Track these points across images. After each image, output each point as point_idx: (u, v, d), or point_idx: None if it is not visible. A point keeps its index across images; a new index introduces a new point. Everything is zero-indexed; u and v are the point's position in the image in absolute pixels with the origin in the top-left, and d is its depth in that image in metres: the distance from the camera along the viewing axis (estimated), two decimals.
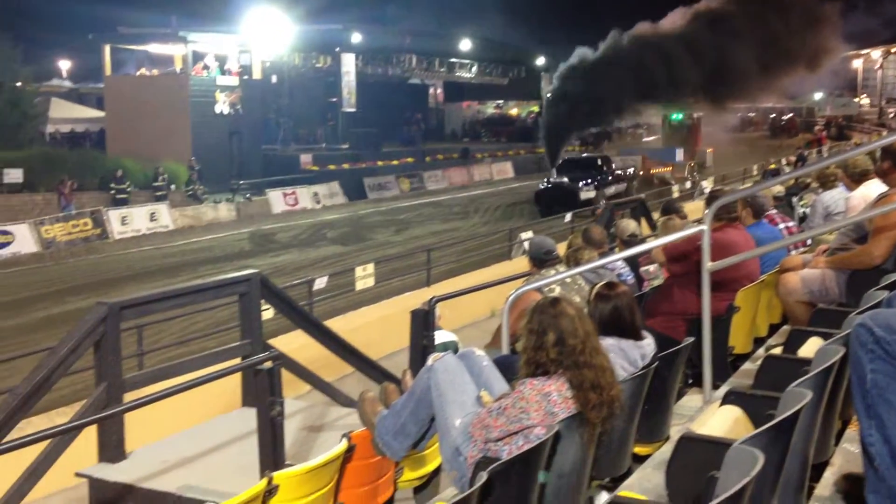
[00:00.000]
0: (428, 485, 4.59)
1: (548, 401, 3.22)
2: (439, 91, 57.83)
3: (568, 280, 5.42)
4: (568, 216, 21.16)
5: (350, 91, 42.65)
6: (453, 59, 52.36)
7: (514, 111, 63.77)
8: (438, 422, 3.51)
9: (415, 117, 52.00)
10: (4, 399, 4.76)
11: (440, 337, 6.48)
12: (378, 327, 12.09)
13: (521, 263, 15.19)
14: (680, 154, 39.85)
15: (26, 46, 33.42)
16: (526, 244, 17.72)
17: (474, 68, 53.96)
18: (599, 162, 33.18)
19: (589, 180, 30.89)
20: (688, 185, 33.70)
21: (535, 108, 56.13)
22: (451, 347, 6.44)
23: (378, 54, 45.88)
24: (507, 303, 4.99)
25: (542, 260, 5.56)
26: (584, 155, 37.75)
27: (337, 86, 42.74)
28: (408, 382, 3.93)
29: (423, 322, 5.94)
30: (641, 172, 35.42)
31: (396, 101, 48.43)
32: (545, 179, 32.11)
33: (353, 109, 42.70)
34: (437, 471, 4.49)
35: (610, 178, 32.17)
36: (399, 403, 3.73)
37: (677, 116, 44.95)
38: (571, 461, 3.28)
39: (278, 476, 3.36)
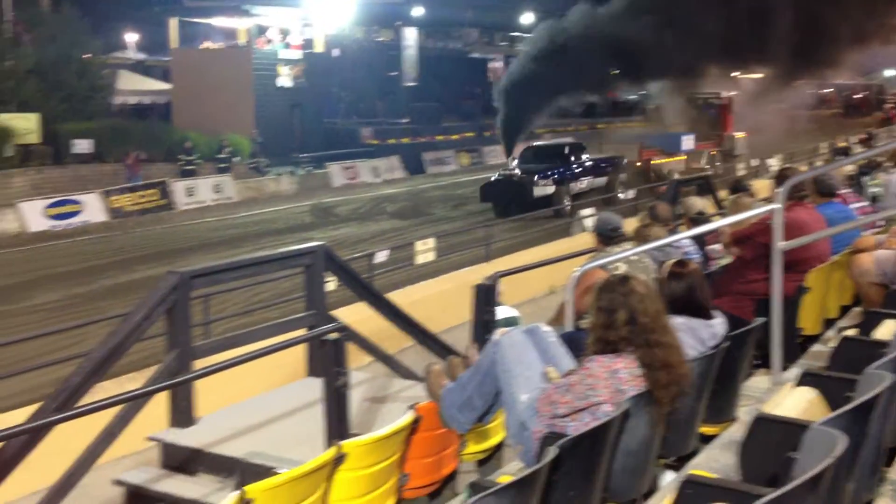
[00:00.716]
0: (491, 458, 4.62)
1: (616, 378, 3.21)
2: (500, 65, 57.44)
3: (633, 258, 5.37)
4: (630, 192, 20.67)
5: (411, 65, 42.69)
6: (514, 33, 51.94)
7: None
8: (504, 396, 3.53)
9: (475, 91, 51.80)
10: (80, 363, 4.89)
11: (502, 312, 6.48)
12: (437, 301, 12.12)
13: (580, 241, 15.09)
14: (688, 141, 30.98)
15: (94, 19, 34.00)
16: (586, 221, 17.65)
17: None
18: (566, 150, 26.71)
19: (548, 172, 24.75)
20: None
21: None
22: (513, 323, 6.43)
23: (439, 28, 45.76)
24: (571, 279, 4.97)
25: (608, 237, 5.51)
26: (550, 142, 30.46)
27: (398, 59, 42.77)
28: (473, 356, 3.95)
29: (485, 297, 5.94)
30: (639, 164, 28.33)
31: (457, 75, 48.25)
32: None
33: (413, 83, 42.71)
34: (500, 444, 4.52)
35: (579, 170, 26.04)
36: (465, 377, 3.75)
37: (704, 95, 36.29)
38: (639, 439, 3.27)
39: (347, 445, 3.41)
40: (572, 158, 26.23)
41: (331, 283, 7.36)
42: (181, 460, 4.96)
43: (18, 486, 5.27)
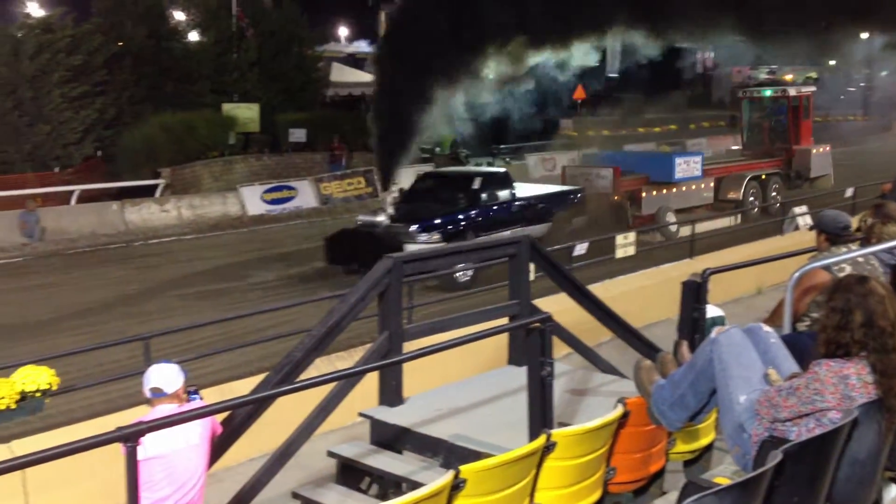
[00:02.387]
0: (699, 459, 4.50)
1: (845, 384, 3.04)
2: (708, 55, 55.47)
3: (860, 259, 5.03)
4: (849, 191, 19.08)
5: (614, 55, 42.00)
6: None
7: (788, 77, 59.86)
8: (721, 396, 3.41)
9: (680, 83, 50.31)
10: (301, 339, 5.19)
11: (707, 311, 6.27)
12: (637, 297, 11.91)
13: (791, 240, 14.34)
14: (687, 165, 20.34)
15: (310, 14, 35.78)
16: (799, 220, 16.73)
17: None
18: (477, 184, 16.87)
19: (436, 221, 15.57)
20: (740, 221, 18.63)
21: (814, 75, 52.06)
22: (719, 323, 6.22)
23: None
24: (791, 279, 4.73)
25: (836, 235, 5.17)
26: (450, 170, 21.37)
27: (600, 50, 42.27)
28: (684, 353, 3.85)
29: (695, 294, 5.77)
30: (616, 198, 19.11)
31: (661, 65, 46.99)
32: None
33: (615, 74, 42.11)
34: (709, 446, 4.39)
35: (495, 214, 16.56)
36: (678, 374, 3.66)
37: (766, 92, 25.59)
38: (867, 449, 3.09)
39: (556, 434, 3.43)
40: (484, 196, 16.67)
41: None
42: (389, 437, 5.17)
43: (241, 452, 5.68)
